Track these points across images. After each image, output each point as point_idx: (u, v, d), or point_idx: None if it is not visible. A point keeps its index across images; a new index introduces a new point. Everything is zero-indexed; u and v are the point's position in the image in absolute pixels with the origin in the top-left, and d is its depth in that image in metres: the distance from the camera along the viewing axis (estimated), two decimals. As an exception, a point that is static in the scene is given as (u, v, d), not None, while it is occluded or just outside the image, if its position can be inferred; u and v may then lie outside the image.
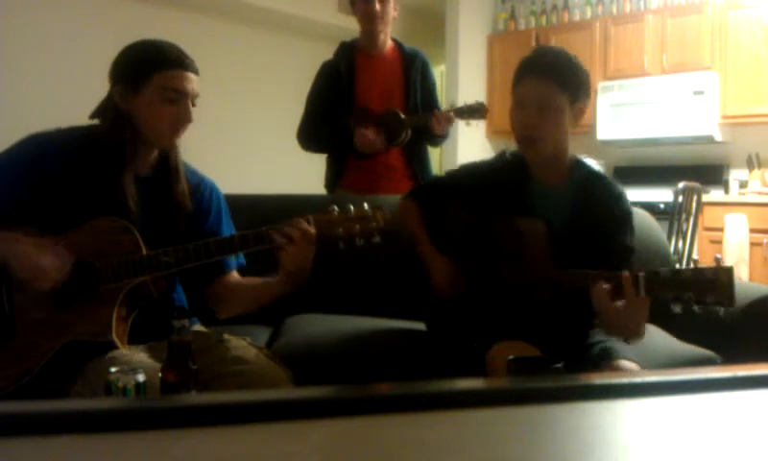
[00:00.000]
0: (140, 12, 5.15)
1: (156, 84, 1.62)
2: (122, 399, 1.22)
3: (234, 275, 1.81)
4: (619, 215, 1.78)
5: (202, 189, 1.81)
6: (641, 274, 1.49)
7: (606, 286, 1.52)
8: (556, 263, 1.72)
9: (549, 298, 1.72)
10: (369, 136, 2.69)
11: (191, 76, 1.66)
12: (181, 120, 1.66)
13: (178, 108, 1.65)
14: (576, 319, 1.76)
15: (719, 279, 1.40)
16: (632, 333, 1.57)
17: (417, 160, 2.88)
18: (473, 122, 2.78)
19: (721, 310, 1.42)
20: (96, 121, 1.71)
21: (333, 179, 2.88)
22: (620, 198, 1.80)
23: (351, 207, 1.63)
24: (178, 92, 1.64)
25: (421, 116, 2.77)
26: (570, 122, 1.76)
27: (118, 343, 1.58)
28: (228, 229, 1.83)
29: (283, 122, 2.97)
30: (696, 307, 1.42)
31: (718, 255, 1.49)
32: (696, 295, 1.42)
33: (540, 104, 1.72)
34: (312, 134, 2.85)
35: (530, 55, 1.79)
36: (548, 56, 1.78)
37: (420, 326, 2.06)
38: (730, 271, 1.41)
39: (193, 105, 1.68)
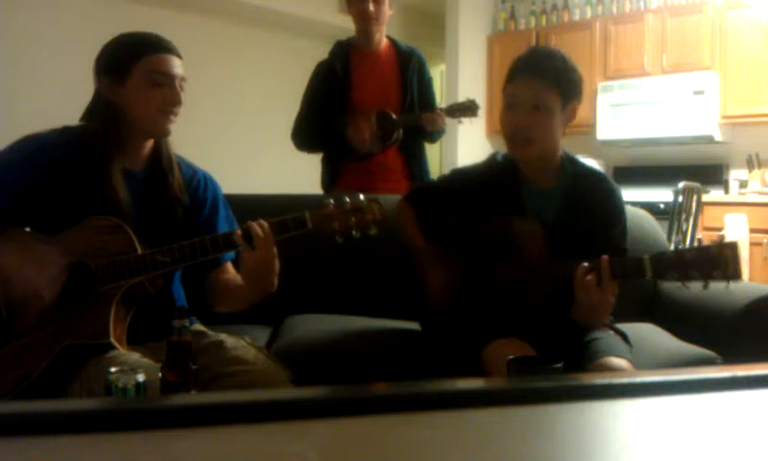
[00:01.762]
0: (139, 12, 5.14)
1: (142, 70, 1.63)
2: (122, 399, 1.22)
3: (228, 269, 1.79)
4: (612, 212, 1.78)
5: (196, 181, 1.80)
6: (646, 256, 1.50)
7: (591, 274, 1.55)
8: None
9: (544, 295, 1.72)
10: (364, 133, 2.67)
11: (175, 59, 1.67)
12: (172, 102, 1.66)
13: (167, 90, 1.65)
14: (570, 318, 1.76)
15: (724, 254, 1.42)
16: (600, 319, 1.63)
17: (414, 160, 2.87)
18: (466, 120, 2.78)
19: (728, 285, 1.43)
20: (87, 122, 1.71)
21: (329, 180, 2.87)
22: (613, 194, 1.80)
23: (347, 200, 1.63)
24: (165, 75, 1.65)
25: (413, 116, 2.76)
26: (562, 123, 1.75)
27: (116, 344, 1.58)
28: (226, 220, 1.83)
29: (283, 122, 2.97)
30: (704, 285, 1.44)
31: (722, 232, 1.52)
32: (702, 272, 1.44)
33: (532, 103, 1.71)
34: (306, 135, 2.84)
35: (522, 55, 1.78)
36: (541, 56, 1.77)
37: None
38: (734, 246, 1.43)
39: (181, 89, 1.68)
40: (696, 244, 1.49)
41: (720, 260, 1.42)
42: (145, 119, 1.66)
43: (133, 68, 1.63)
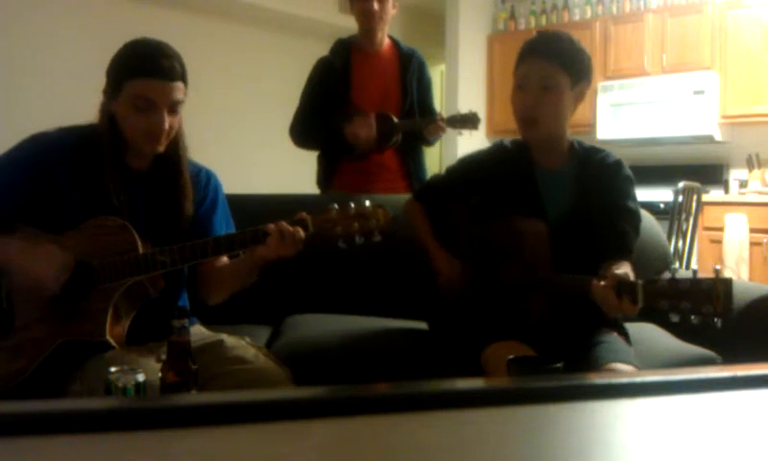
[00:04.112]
0: (141, 12, 5.15)
1: (128, 92, 1.60)
2: (122, 399, 1.22)
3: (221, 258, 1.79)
4: (622, 180, 1.81)
5: (200, 178, 1.81)
6: (639, 282, 1.49)
7: (605, 284, 1.52)
8: (566, 241, 1.73)
9: (547, 301, 1.73)
10: (360, 134, 2.67)
11: (167, 84, 1.59)
12: (153, 128, 1.61)
13: (149, 116, 1.60)
14: (573, 321, 1.75)
15: (716, 290, 1.39)
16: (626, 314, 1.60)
17: (411, 160, 2.86)
18: (466, 132, 2.77)
19: (718, 322, 1.40)
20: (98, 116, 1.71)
21: (325, 178, 2.87)
22: (620, 165, 1.83)
23: (352, 205, 1.63)
24: (149, 101, 1.59)
25: (413, 121, 2.75)
26: (570, 105, 1.78)
27: (113, 343, 1.58)
28: (223, 218, 1.83)
29: (282, 122, 2.96)
30: (693, 318, 1.41)
31: (717, 266, 1.48)
32: (693, 305, 1.41)
33: (541, 84, 1.73)
34: (304, 131, 2.83)
35: (533, 37, 1.82)
36: (551, 38, 1.80)
37: (420, 325, 2.06)
38: (728, 282, 1.39)
39: (174, 112, 1.63)
40: (692, 273, 1.44)
41: (712, 296, 1.38)
42: (129, 139, 1.65)
43: (122, 88, 1.60)
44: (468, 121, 2.72)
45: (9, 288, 1.60)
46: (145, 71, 1.58)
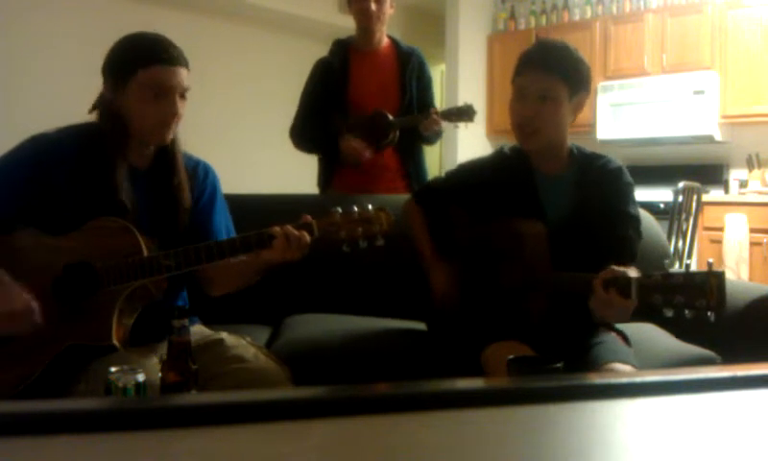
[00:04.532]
0: (141, 12, 5.14)
1: (139, 81, 1.61)
2: (122, 399, 1.22)
3: None
4: (623, 186, 1.81)
5: (198, 172, 1.81)
6: (633, 277, 1.49)
7: (603, 283, 1.52)
8: (567, 246, 1.72)
9: (546, 301, 1.73)
10: (355, 148, 2.66)
11: (177, 70, 1.63)
12: (167, 116, 1.64)
13: (163, 103, 1.62)
14: (573, 322, 1.76)
15: (710, 283, 1.39)
16: (620, 320, 1.59)
17: (411, 160, 2.86)
18: (462, 124, 2.76)
19: (711, 315, 1.41)
20: (94, 116, 1.70)
21: (325, 179, 2.86)
22: (621, 171, 1.83)
23: (355, 209, 1.63)
24: (162, 88, 1.61)
25: (409, 118, 2.75)
26: (569, 115, 1.77)
27: (119, 346, 1.58)
28: (222, 213, 1.83)
29: (282, 122, 2.97)
30: (687, 312, 1.41)
31: (710, 260, 1.48)
32: (687, 299, 1.41)
33: (539, 95, 1.73)
34: (304, 134, 2.83)
35: (531, 47, 1.81)
36: (550, 48, 1.79)
37: (420, 325, 2.06)
38: (721, 276, 1.39)
39: (182, 98, 1.66)
40: (685, 269, 1.43)
41: (706, 289, 1.39)
42: (141, 129, 1.66)
43: (131, 79, 1.61)
44: (464, 114, 2.71)
45: None
46: (155, 59, 1.61)
